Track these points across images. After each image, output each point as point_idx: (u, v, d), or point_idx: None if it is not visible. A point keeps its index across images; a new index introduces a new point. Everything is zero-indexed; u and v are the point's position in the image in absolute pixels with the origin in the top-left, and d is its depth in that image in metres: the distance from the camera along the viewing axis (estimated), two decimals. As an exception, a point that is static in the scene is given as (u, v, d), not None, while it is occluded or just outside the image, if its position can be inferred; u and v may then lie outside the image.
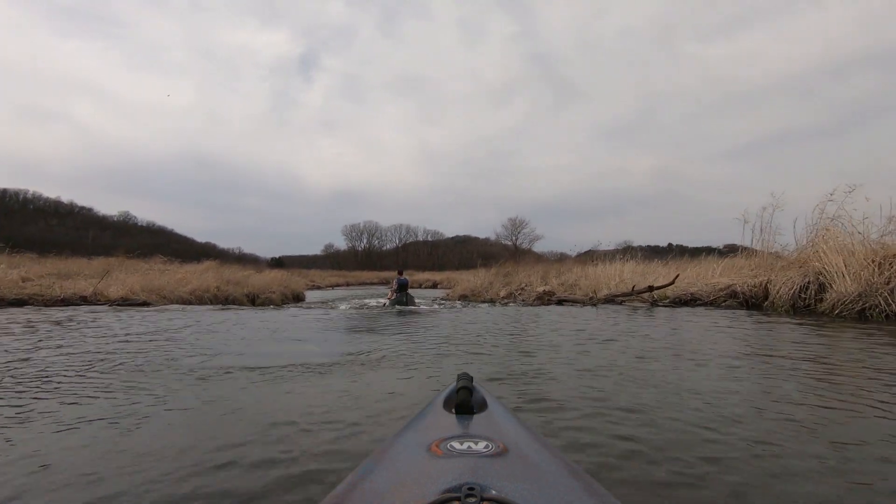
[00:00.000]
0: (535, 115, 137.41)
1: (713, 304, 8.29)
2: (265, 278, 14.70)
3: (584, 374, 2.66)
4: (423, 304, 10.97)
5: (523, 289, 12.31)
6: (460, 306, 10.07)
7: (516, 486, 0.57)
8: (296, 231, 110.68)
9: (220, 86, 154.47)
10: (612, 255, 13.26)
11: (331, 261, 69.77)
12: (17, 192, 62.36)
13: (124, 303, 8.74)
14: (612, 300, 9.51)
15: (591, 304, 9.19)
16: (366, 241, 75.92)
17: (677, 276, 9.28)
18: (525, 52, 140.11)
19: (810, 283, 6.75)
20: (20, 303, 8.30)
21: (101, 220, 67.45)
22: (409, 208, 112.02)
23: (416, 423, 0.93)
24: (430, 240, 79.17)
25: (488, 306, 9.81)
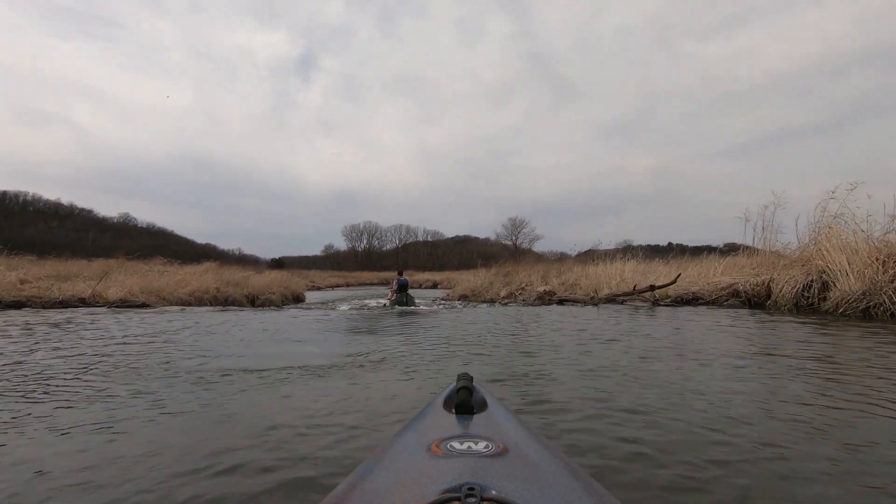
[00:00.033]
0: (535, 114, 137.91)
1: (715, 303, 8.24)
2: (265, 279, 14.67)
3: (587, 375, 2.62)
4: (424, 304, 10.94)
5: (524, 289, 12.27)
6: (461, 306, 10.04)
7: (516, 486, 0.57)
8: (296, 232, 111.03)
9: (219, 86, 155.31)
10: (613, 254, 13.23)
11: (331, 261, 69.87)
12: (17, 195, 62.54)
13: (123, 304, 8.71)
14: (613, 300, 9.47)
15: (593, 304, 9.14)
16: (366, 242, 76.08)
17: (679, 275, 9.24)
18: (524, 52, 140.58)
19: (813, 281, 6.70)
20: (18, 305, 8.27)
21: (101, 221, 67.61)
22: (409, 208, 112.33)
23: (416, 423, 0.93)
24: (429, 240, 79.26)
25: (489, 306, 9.77)
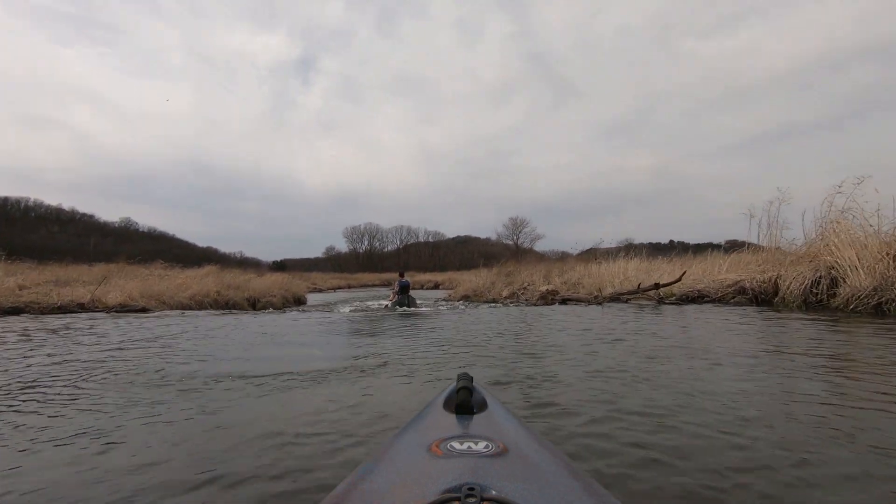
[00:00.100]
0: (535, 114, 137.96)
1: (721, 300, 8.12)
2: (266, 282, 14.62)
3: (594, 376, 2.53)
4: (426, 305, 10.86)
5: (526, 288, 12.18)
6: (463, 307, 9.96)
7: (516, 486, 0.57)
8: (297, 234, 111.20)
9: (219, 89, 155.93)
10: (615, 252, 13.14)
11: (332, 263, 69.89)
12: (18, 200, 62.80)
13: (122, 309, 8.66)
14: (617, 298, 9.37)
15: (597, 303, 9.04)
16: (367, 243, 76.02)
17: (684, 273, 9.14)
18: (524, 52, 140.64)
19: (822, 277, 6.57)
20: (16, 311, 8.22)
21: (102, 226, 67.84)
22: (410, 209, 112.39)
23: (416, 423, 0.92)
24: (430, 241, 79.21)
25: (491, 307, 9.68)
